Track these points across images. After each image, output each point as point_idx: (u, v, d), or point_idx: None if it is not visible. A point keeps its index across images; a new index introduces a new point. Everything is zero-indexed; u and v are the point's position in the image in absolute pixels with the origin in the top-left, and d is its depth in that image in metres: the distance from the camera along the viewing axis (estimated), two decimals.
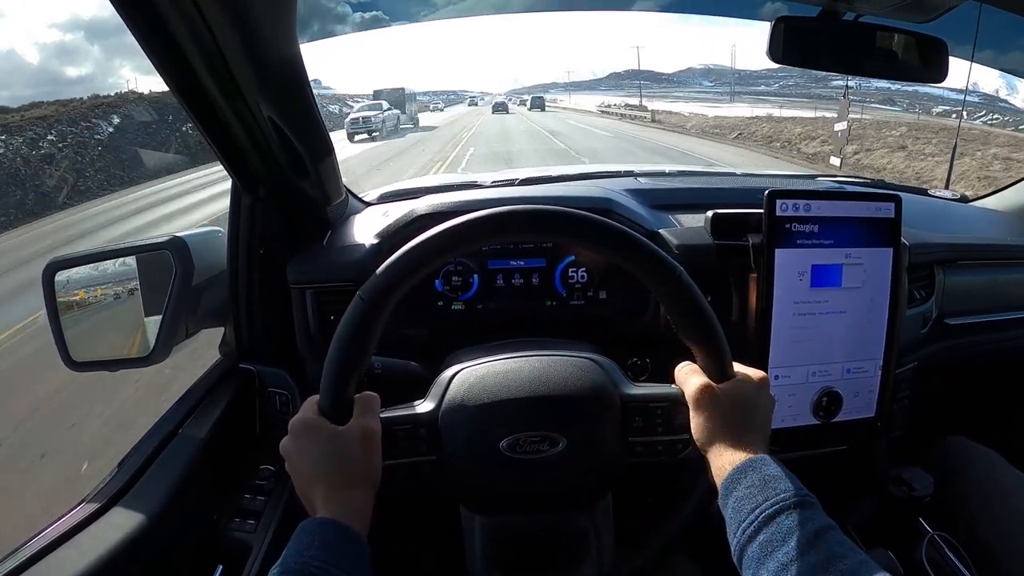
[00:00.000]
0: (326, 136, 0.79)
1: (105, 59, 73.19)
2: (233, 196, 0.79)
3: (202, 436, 0.77)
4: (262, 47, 0.59)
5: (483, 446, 0.57)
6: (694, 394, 0.54)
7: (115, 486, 0.71)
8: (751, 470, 0.48)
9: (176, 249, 0.79)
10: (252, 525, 0.76)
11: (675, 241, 0.82)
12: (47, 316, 0.80)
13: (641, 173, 1.16)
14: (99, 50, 73.19)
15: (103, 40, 66.98)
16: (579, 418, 0.58)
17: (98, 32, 56.63)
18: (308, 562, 0.44)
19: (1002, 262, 1.08)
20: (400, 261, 0.52)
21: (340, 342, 0.52)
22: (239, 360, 0.85)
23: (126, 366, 0.82)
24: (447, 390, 0.60)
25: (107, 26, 18.70)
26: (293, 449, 0.52)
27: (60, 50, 72.70)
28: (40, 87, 72.15)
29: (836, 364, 0.82)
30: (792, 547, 0.42)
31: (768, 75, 38.47)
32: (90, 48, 73.07)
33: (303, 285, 0.82)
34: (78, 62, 73.36)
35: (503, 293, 0.85)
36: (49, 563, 0.61)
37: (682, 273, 0.54)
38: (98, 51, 73.15)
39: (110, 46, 60.37)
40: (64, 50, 72.48)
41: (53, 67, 70.31)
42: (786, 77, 40.64)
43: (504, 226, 0.54)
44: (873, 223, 0.81)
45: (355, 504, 0.50)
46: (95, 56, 74.30)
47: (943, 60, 0.85)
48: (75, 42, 72.17)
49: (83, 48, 73.13)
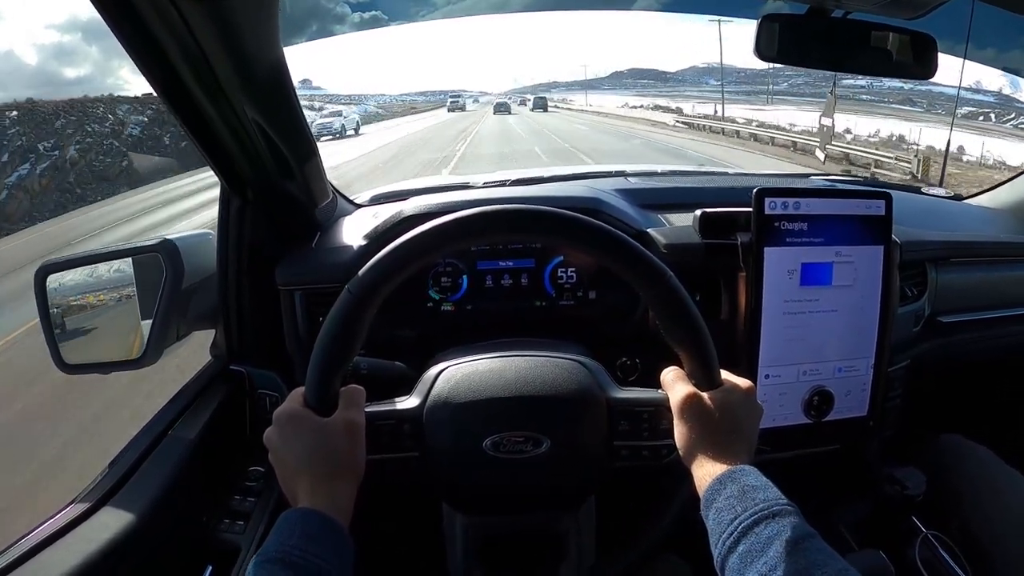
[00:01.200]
0: (310, 138, 0.79)
1: (104, 60, 73.33)
2: (222, 199, 0.80)
3: (192, 437, 0.77)
4: (244, 50, 0.59)
5: (466, 444, 0.57)
6: (679, 403, 0.54)
7: (105, 486, 0.71)
8: (730, 481, 0.48)
9: (166, 252, 0.79)
10: (241, 526, 0.76)
11: (663, 240, 0.82)
12: (39, 319, 0.81)
13: (632, 173, 1.16)
14: (97, 51, 73.31)
15: (101, 41, 67.11)
16: (564, 420, 0.58)
17: (96, 33, 56.79)
18: (289, 552, 0.44)
19: (995, 259, 1.07)
20: (389, 256, 0.52)
21: (327, 334, 0.52)
22: (229, 362, 0.85)
23: (118, 368, 0.82)
24: (432, 387, 0.60)
25: (105, 27, 18.87)
26: (277, 439, 0.53)
27: (58, 51, 72.87)
28: (38, 88, 72.39)
29: (827, 363, 0.82)
30: (771, 557, 0.42)
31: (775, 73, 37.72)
32: (88, 49, 73.24)
33: (292, 287, 0.82)
34: (76, 63, 73.51)
35: (492, 294, 0.85)
36: (38, 563, 0.62)
37: (671, 277, 0.53)
38: (96, 52, 73.30)
39: (108, 47, 60.54)
40: (62, 51, 72.64)
41: (51, 68, 70.45)
42: (793, 76, 39.38)
43: (492, 225, 0.54)
44: (864, 221, 0.81)
45: (338, 496, 0.50)
46: (93, 57, 74.45)
47: (932, 56, 0.84)
48: (73, 43, 72.31)
49: (81, 49, 73.29)
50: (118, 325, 0.84)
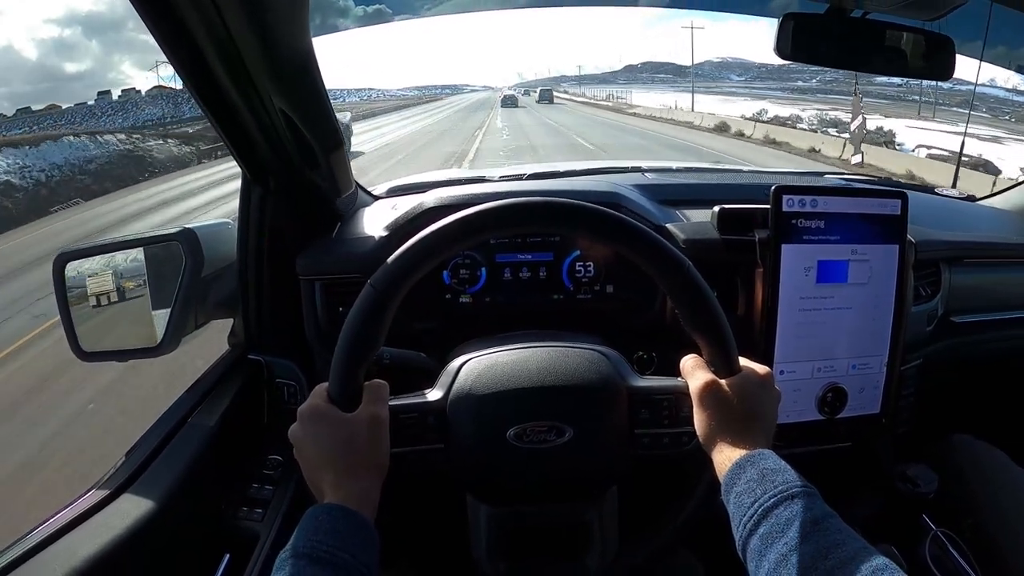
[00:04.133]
0: (337, 127, 0.79)
1: (104, 54, 73.36)
2: (243, 188, 0.80)
3: (210, 426, 0.77)
4: (275, 36, 0.59)
5: (490, 435, 0.58)
6: (698, 390, 0.54)
7: (124, 474, 0.72)
8: (749, 465, 0.49)
9: (186, 240, 0.79)
10: (259, 514, 0.76)
11: (681, 236, 0.83)
12: (57, 307, 0.81)
13: (648, 169, 1.16)
14: (97, 45, 73.33)
15: (101, 35, 67.16)
16: (586, 409, 0.59)
17: (96, 27, 56.65)
18: (316, 547, 0.44)
19: (1008, 261, 1.08)
20: (411, 250, 0.52)
21: (350, 330, 0.52)
22: (248, 351, 0.86)
23: (135, 356, 0.82)
24: (455, 379, 0.60)
25: (105, 21, 18.70)
26: (301, 435, 0.53)
27: (58, 46, 72.88)
28: (39, 83, 72.29)
29: (841, 360, 0.83)
30: (791, 537, 0.43)
31: (802, 69, 36.08)
32: (88, 43, 73.23)
33: (312, 277, 0.83)
34: (77, 57, 73.54)
35: (510, 286, 0.85)
36: (58, 548, 0.62)
37: (690, 266, 0.54)
38: (96, 46, 73.31)
39: (108, 41, 60.40)
40: (63, 45, 72.62)
41: (51, 63, 70.36)
42: (823, 72, 37.72)
43: (514, 217, 0.54)
44: (879, 219, 0.81)
45: (363, 491, 0.50)
46: (94, 51, 74.48)
47: (950, 58, 0.85)
48: (73, 37, 72.32)
49: (81, 43, 73.30)
50: (136, 313, 0.84)
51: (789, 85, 35.81)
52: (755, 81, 32.23)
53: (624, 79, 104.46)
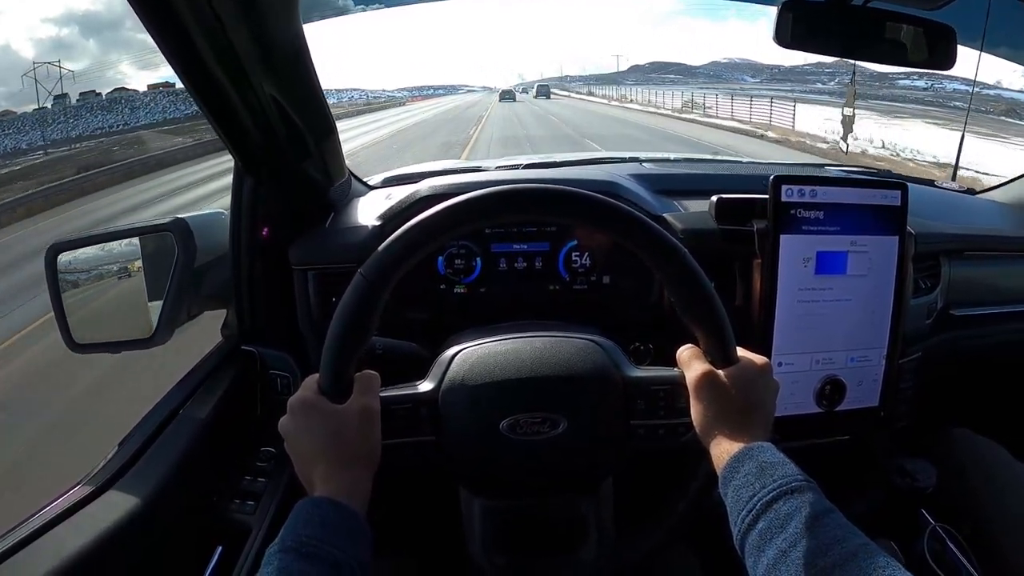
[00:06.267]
0: (328, 115, 0.78)
1: (102, 53, 73.20)
2: (235, 178, 0.79)
3: (203, 417, 0.77)
4: (264, 22, 0.58)
5: (483, 427, 0.57)
6: (695, 381, 0.53)
7: (114, 466, 0.71)
8: (748, 458, 0.48)
9: (179, 231, 0.78)
10: (252, 507, 0.76)
11: (679, 225, 0.82)
12: (49, 298, 0.80)
13: (646, 159, 1.15)
14: (95, 44, 73.19)
15: (99, 34, 67.00)
16: (580, 400, 0.58)
17: (93, 26, 56.46)
18: (306, 540, 0.43)
19: (1009, 254, 1.07)
20: (401, 239, 0.52)
21: (341, 320, 0.51)
22: (241, 342, 0.85)
23: (128, 348, 0.82)
24: (448, 370, 0.59)
25: (102, 20, 18.51)
26: (292, 427, 0.52)
27: (56, 45, 72.77)
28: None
29: (840, 352, 0.82)
30: (791, 533, 0.42)
31: (817, 70, 34.20)
32: (86, 43, 73.09)
33: (305, 267, 0.82)
34: (74, 56, 73.38)
35: (506, 277, 0.84)
36: (46, 542, 0.61)
37: (686, 254, 0.53)
38: (94, 45, 73.16)
39: (106, 40, 60.18)
40: (60, 44, 72.49)
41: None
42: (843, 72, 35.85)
43: (507, 205, 0.53)
44: (879, 211, 0.80)
45: (354, 483, 0.50)
46: (91, 50, 74.31)
47: (951, 47, 0.84)
48: (71, 36, 72.18)
49: (79, 43, 73.14)
50: (129, 304, 0.84)
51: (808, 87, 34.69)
52: (771, 83, 30.82)
53: (632, 79, 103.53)
